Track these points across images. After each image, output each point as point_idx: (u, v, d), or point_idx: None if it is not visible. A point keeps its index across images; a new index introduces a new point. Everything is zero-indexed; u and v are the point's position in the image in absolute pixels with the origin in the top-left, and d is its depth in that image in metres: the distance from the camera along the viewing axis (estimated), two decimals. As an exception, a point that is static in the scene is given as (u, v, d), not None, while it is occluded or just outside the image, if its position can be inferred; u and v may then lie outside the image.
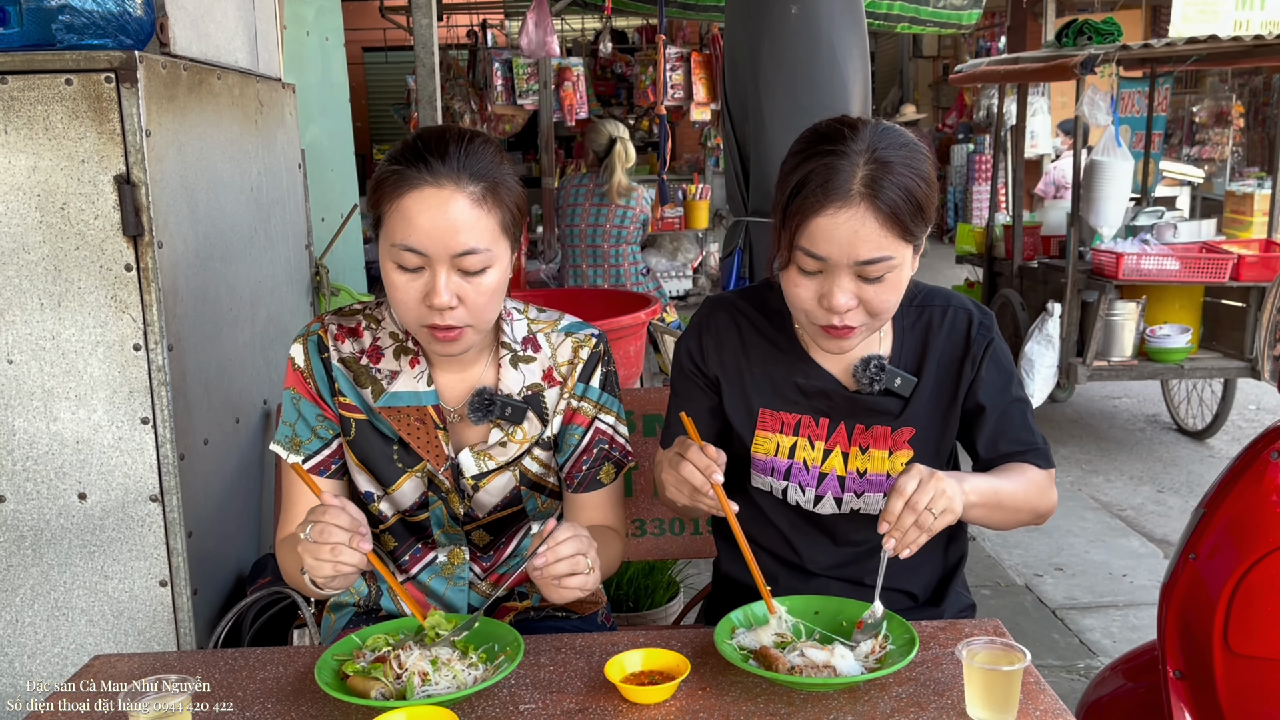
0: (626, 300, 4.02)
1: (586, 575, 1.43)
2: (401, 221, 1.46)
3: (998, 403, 1.66)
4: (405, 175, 1.46)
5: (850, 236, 1.44)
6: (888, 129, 1.49)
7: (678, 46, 9.13)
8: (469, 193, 1.46)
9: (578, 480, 1.70)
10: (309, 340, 1.64)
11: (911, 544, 1.42)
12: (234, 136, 2.31)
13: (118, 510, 1.97)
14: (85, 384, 1.93)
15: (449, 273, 1.47)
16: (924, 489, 1.41)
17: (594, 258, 5.36)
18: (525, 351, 1.67)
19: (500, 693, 1.40)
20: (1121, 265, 4.84)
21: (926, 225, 1.50)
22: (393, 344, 1.64)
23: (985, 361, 1.65)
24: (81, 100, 1.85)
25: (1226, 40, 4.96)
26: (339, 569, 1.38)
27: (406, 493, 1.66)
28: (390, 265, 1.50)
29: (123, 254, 1.90)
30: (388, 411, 1.63)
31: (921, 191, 1.47)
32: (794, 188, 1.48)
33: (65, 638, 2.01)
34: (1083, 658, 3.37)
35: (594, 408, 1.69)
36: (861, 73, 2.38)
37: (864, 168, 1.44)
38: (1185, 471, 5.13)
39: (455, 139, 1.48)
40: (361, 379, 1.63)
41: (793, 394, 1.67)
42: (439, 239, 1.45)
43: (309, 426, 1.64)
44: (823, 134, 1.50)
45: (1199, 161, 10.57)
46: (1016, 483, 1.61)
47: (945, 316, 1.67)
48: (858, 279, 1.48)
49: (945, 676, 1.41)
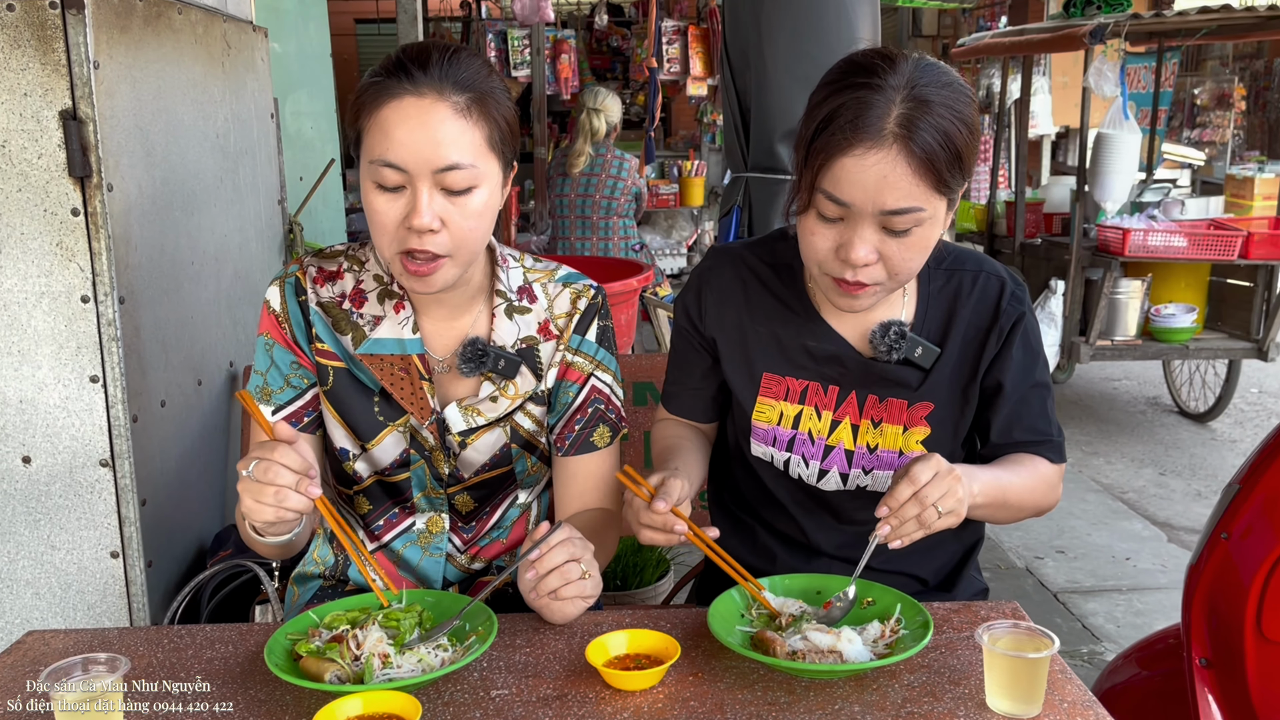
0: (618, 267, 3.88)
1: (583, 581, 1.31)
2: (380, 135, 1.34)
3: (1019, 385, 1.51)
4: (384, 85, 1.34)
5: (878, 181, 1.29)
6: (930, 64, 1.33)
7: (674, 20, 8.95)
8: (452, 102, 1.34)
9: (569, 442, 1.56)
10: (286, 282, 1.52)
11: (907, 537, 1.29)
12: (197, 78, 2.15)
13: (65, 475, 1.83)
14: (29, 338, 1.79)
15: (431, 191, 1.34)
16: (937, 483, 1.27)
17: (583, 228, 5.22)
18: (521, 301, 1.53)
19: (470, 676, 1.27)
20: (1128, 241, 4.71)
21: (964, 179, 1.34)
22: (377, 287, 1.51)
23: (1014, 338, 1.50)
24: (24, 28, 1.70)
25: (1240, 10, 4.82)
26: (281, 515, 1.25)
27: (387, 449, 1.52)
28: (369, 186, 1.36)
29: (69, 197, 1.75)
30: (369, 359, 1.50)
31: (962, 138, 1.31)
32: (820, 122, 1.32)
33: (8, 612, 1.88)
34: (1086, 643, 3.26)
35: (590, 363, 1.56)
36: (870, 20, 2.24)
37: (900, 105, 1.28)
38: (1188, 454, 5.03)
39: (439, 50, 1.36)
40: (342, 324, 1.50)
41: (800, 358, 1.53)
42: (419, 152, 1.32)
43: (281, 375, 1.52)
44: (858, 65, 1.34)
45: (1199, 144, 10.45)
46: (1025, 479, 1.48)
47: (975, 283, 1.52)
48: (881, 230, 1.33)
49: (961, 663, 1.28)
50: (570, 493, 1.58)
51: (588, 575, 1.31)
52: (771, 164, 2.38)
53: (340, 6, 4.42)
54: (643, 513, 1.33)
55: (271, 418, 1.51)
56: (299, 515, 1.27)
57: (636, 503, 1.35)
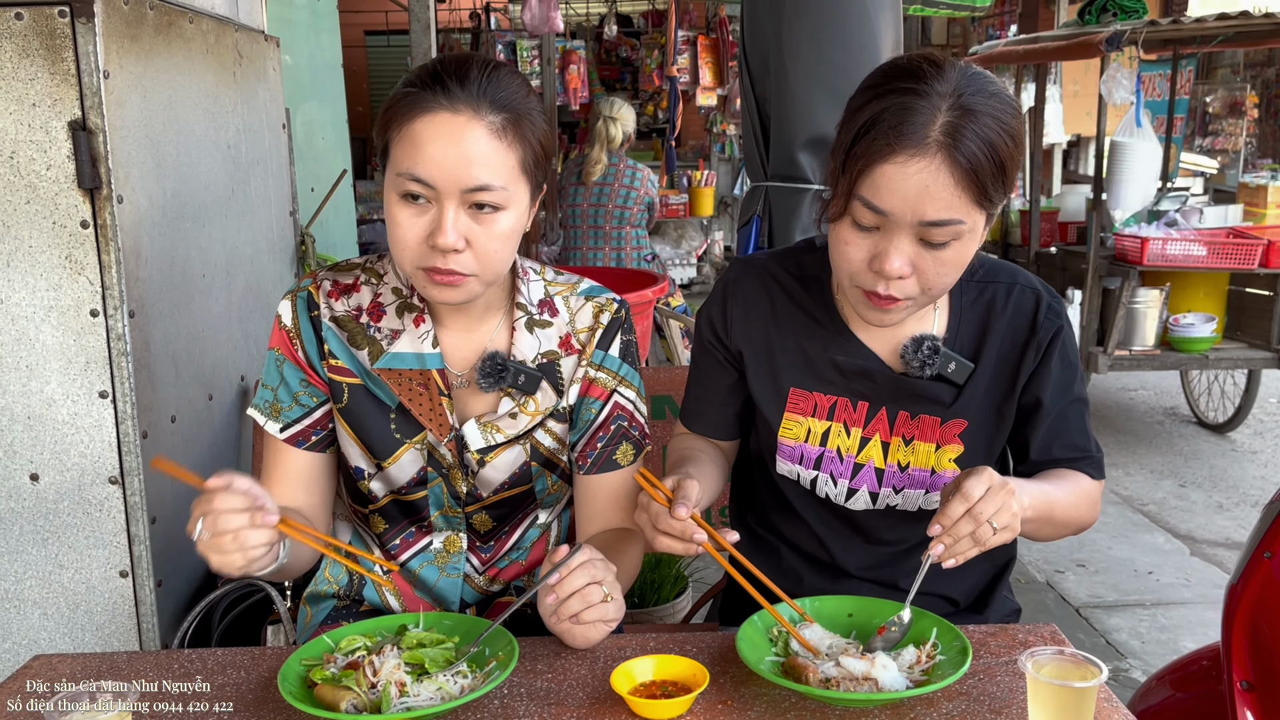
0: (632, 278, 3.83)
1: (605, 604, 1.26)
2: (410, 148, 1.29)
3: (1059, 402, 1.46)
4: (419, 98, 1.29)
5: (919, 191, 1.23)
6: (977, 73, 1.28)
7: (684, 30, 8.93)
8: (488, 122, 1.29)
9: (591, 460, 1.51)
10: (298, 297, 1.48)
11: (960, 555, 1.23)
12: (208, 88, 2.12)
13: (73, 493, 1.79)
14: (37, 353, 1.75)
15: (458, 210, 1.30)
16: (991, 498, 1.21)
17: (595, 238, 5.18)
18: (542, 315, 1.49)
19: (491, 704, 1.22)
20: (1146, 250, 4.65)
21: (1006, 193, 1.29)
22: (395, 300, 1.47)
23: (1052, 352, 1.45)
24: (33, 37, 1.66)
25: (1258, 17, 4.76)
26: (249, 557, 1.21)
27: (404, 467, 1.48)
28: (393, 198, 1.32)
29: (78, 209, 1.71)
30: (387, 374, 1.45)
31: (1007, 150, 1.26)
32: (862, 127, 1.26)
33: (16, 633, 1.83)
34: (1111, 660, 3.19)
35: (613, 379, 1.51)
36: (893, 25, 2.19)
37: (946, 114, 1.23)
38: (1207, 465, 4.96)
39: (479, 65, 1.32)
40: (358, 339, 1.46)
41: (829, 373, 1.48)
42: (450, 170, 1.28)
43: (290, 392, 1.48)
44: (902, 69, 1.28)
45: (1212, 152, 10.38)
46: (1070, 495, 1.43)
47: (1010, 296, 1.46)
48: (918, 242, 1.27)
49: (1001, 690, 1.23)
50: (592, 511, 1.53)
51: (610, 598, 1.26)
52: (792, 172, 2.33)
53: (350, 18, 4.39)
54: (661, 519, 1.26)
55: (280, 434, 1.48)
56: (268, 547, 1.22)
57: (654, 507, 1.28)
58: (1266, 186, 8.01)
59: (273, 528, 1.21)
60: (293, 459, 1.49)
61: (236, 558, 1.20)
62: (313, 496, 1.51)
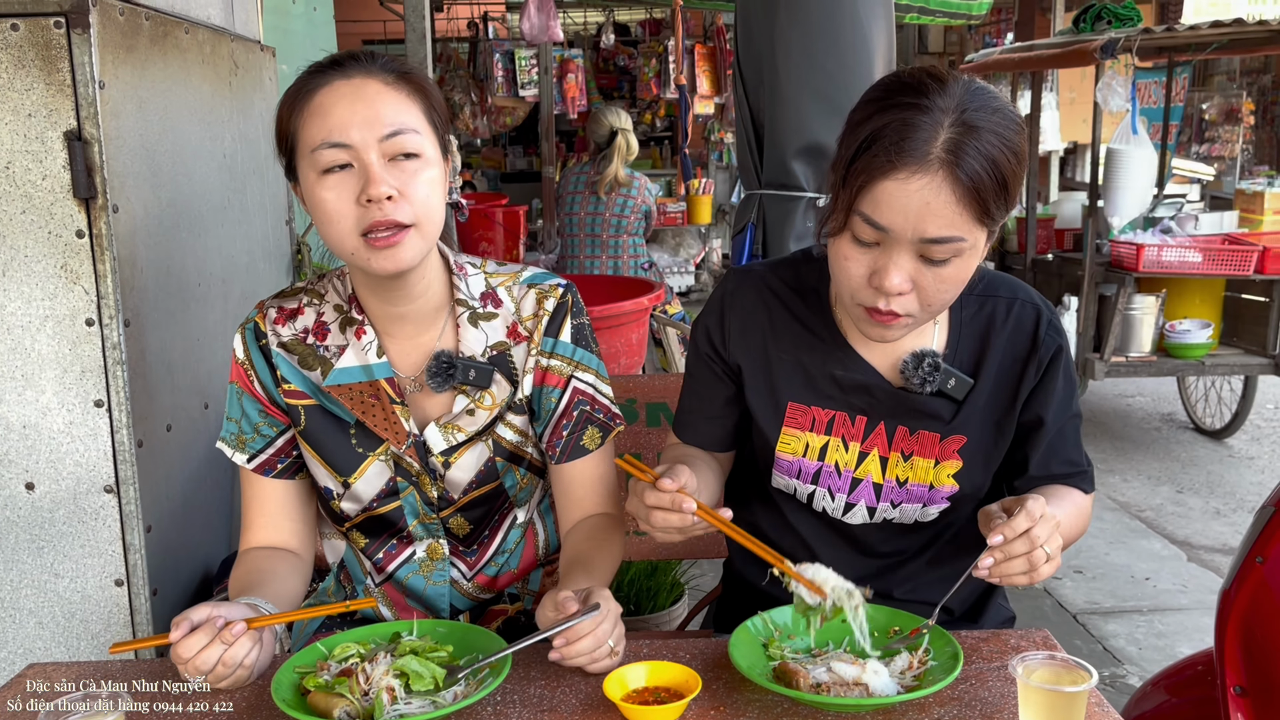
0: (628, 286, 3.84)
1: (610, 658, 1.28)
2: (317, 120, 1.32)
3: (1058, 419, 1.46)
4: (312, 80, 1.36)
5: (921, 208, 1.22)
6: (980, 88, 1.27)
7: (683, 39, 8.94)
8: (383, 78, 1.35)
9: (560, 448, 1.52)
10: (246, 329, 1.51)
11: (1005, 576, 1.21)
12: (204, 98, 2.12)
13: (69, 502, 1.80)
14: (32, 362, 1.75)
15: (381, 162, 1.32)
16: (1045, 524, 1.20)
17: (593, 247, 5.19)
18: (485, 308, 1.50)
19: (483, 711, 1.23)
20: (1142, 257, 4.67)
21: (1008, 210, 1.28)
22: (337, 317, 1.48)
23: (1054, 370, 1.45)
24: (28, 47, 1.67)
25: (1252, 24, 4.78)
26: (247, 666, 1.26)
27: (371, 480, 1.49)
28: (314, 179, 1.34)
29: (74, 218, 1.72)
30: (338, 390, 1.47)
31: (1009, 167, 1.25)
32: (863, 142, 1.25)
33: (11, 641, 1.83)
34: (1108, 665, 3.20)
35: (568, 364, 1.51)
36: (886, 33, 2.20)
37: (948, 130, 1.22)
38: (1205, 471, 4.96)
39: (364, 53, 1.38)
40: (309, 360, 1.48)
41: (827, 387, 1.47)
42: (361, 124, 1.31)
43: (251, 424, 1.51)
44: (905, 83, 1.27)
45: (1208, 159, 10.40)
46: (1071, 515, 1.43)
47: (1010, 311, 1.46)
48: (919, 259, 1.26)
49: (993, 695, 1.23)
50: (571, 499, 1.54)
51: (616, 653, 1.28)
52: (786, 181, 2.33)
53: (347, 28, 4.41)
54: (648, 493, 1.24)
55: (248, 465, 1.51)
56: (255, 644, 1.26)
57: (640, 485, 1.26)
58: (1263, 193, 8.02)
59: (246, 633, 1.24)
60: (266, 489, 1.52)
61: (240, 674, 1.26)
62: (294, 522, 1.54)
